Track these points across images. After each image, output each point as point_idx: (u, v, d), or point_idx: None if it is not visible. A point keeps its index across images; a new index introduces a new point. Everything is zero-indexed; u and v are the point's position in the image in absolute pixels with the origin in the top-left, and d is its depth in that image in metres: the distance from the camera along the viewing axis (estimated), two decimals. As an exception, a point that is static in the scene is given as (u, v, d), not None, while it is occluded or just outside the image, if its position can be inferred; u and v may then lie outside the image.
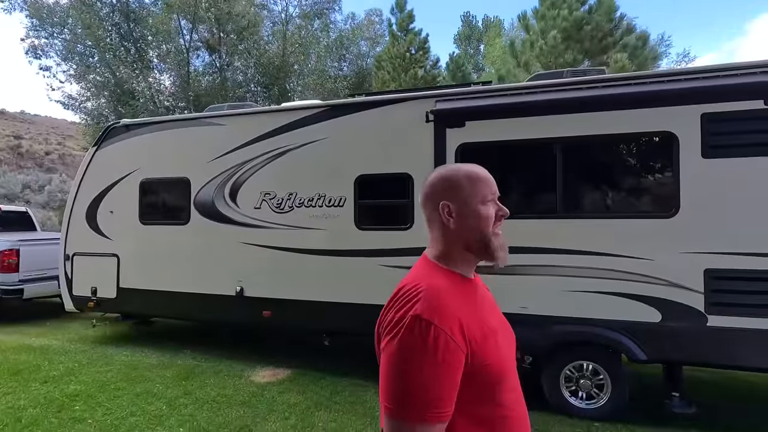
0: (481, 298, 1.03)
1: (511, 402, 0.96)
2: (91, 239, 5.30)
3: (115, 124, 5.36)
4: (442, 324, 0.85)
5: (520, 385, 1.07)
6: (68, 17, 13.63)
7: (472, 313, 0.93)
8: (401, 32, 13.63)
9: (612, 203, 3.59)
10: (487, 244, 1.00)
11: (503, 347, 0.97)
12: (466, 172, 1.03)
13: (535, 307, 3.61)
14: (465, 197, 1.00)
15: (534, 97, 3.66)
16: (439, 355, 0.83)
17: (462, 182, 1.01)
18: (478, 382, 0.89)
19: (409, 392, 0.83)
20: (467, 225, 0.99)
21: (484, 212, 0.99)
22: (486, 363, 0.89)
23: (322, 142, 4.34)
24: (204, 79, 15.02)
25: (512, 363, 1.00)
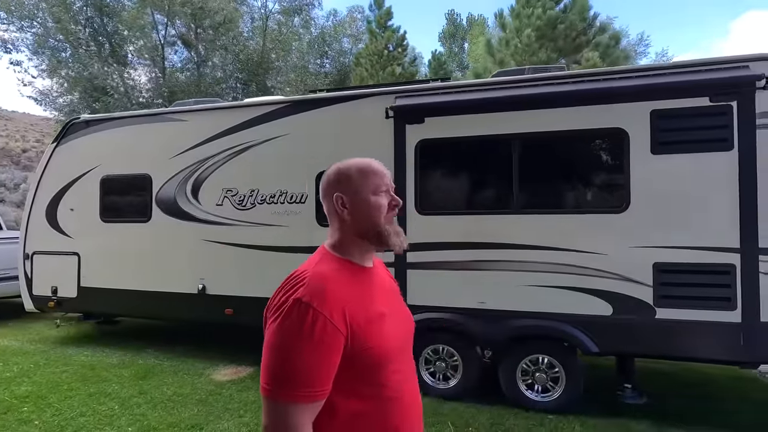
0: (376, 286, 1.07)
1: (396, 383, 1.00)
2: (51, 238, 5.17)
3: (75, 119, 5.23)
4: (321, 308, 0.89)
5: (414, 368, 1.15)
6: (38, 10, 13.26)
7: (359, 299, 0.97)
8: (379, 29, 13.60)
9: (566, 199, 3.64)
10: (379, 232, 1.04)
11: (391, 332, 1.01)
12: (358, 165, 1.07)
13: (492, 302, 3.65)
14: (356, 188, 1.04)
15: (490, 93, 3.69)
16: (316, 337, 0.87)
17: (353, 175, 1.05)
18: (359, 364, 0.93)
19: (284, 372, 0.88)
20: (360, 215, 1.03)
21: (375, 202, 1.03)
22: (368, 346, 0.94)
23: (283, 139, 4.31)
24: (181, 74, 14.78)
25: (401, 347, 1.05)
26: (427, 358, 3.91)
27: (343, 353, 0.92)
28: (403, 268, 3.87)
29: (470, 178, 3.92)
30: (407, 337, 1.12)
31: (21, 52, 14.10)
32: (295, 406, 0.87)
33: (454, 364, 3.84)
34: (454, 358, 3.83)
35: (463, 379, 3.79)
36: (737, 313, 3.13)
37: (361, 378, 0.96)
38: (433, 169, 3.91)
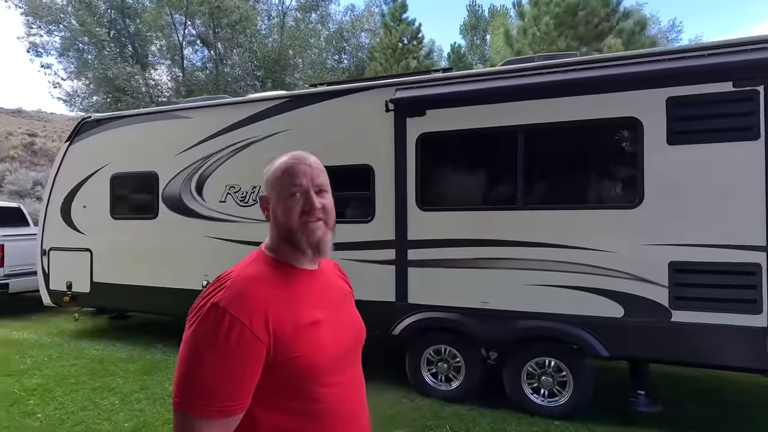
0: (316, 290, 0.99)
1: (332, 397, 0.92)
2: (65, 234, 5.31)
3: (86, 118, 5.34)
4: (239, 314, 0.82)
5: (360, 380, 1.05)
6: (64, 14, 13.73)
7: (288, 304, 0.90)
8: (394, 22, 13.40)
9: (574, 194, 3.43)
10: (290, 237, 0.96)
11: (327, 341, 0.92)
12: (279, 165, 1.00)
13: (496, 301, 3.50)
14: (276, 191, 0.98)
15: (494, 83, 3.52)
16: (231, 346, 0.80)
17: (272, 176, 1.00)
18: (285, 375, 0.86)
19: (194, 383, 0.81)
20: (276, 218, 0.98)
21: (287, 206, 0.96)
22: (294, 356, 0.86)
23: (284, 134, 4.25)
24: (201, 73, 15.03)
25: (339, 357, 0.95)
26: (428, 359, 3.79)
27: (266, 363, 0.84)
28: (404, 266, 3.76)
29: (473, 172, 3.77)
30: (352, 346, 1.02)
31: (50, 55, 14.69)
32: (206, 422, 0.80)
33: (456, 365, 3.71)
34: (456, 359, 3.71)
35: (465, 381, 3.65)
36: (763, 316, 2.87)
37: (288, 391, 0.87)
38: (435, 164, 3.77)
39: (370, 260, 3.87)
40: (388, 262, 3.81)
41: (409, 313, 3.72)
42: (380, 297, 3.81)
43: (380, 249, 3.84)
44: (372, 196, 3.88)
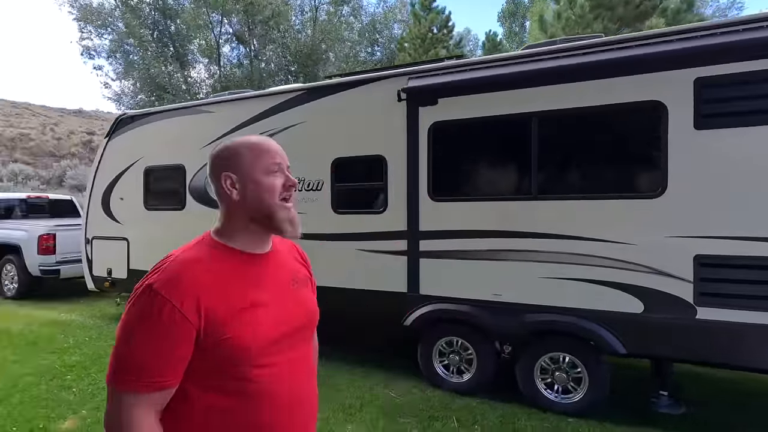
0: (261, 273, 1.00)
1: (268, 377, 0.93)
2: (105, 224, 5.68)
3: (122, 115, 5.66)
4: (170, 295, 0.85)
5: (307, 362, 1.07)
6: (111, 17, 14.57)
7: (224, 287, 0.91)
8: (424, 11, 13.17)
9: (591, 183, 3.26)
10: (271, 215, 0.97)
11: (266, 323, 0.94)
12: (249, 142, 1.00)
13: (508, 294, 3.41)
14: (246, 167, 0.97)
15: (507, 69, 3.40)
16: (161, 325, 0.84)
17: (244, 152, 0.98)
18: (217, 356, 0.88)
19: (124, 359, 0.85)
20: (250, 196, 0.97)
21: (267, 182, 0.97)
22: (225, 337, 0.87)
23: (301, 126, 4.32)
24: (237, 70, 15.52)
25: (278, 339, 0.96)
26: (440, 350, 3.77)
27: (197, 344, 0.87)
28: (415, 256, 3.74)
29: (486, 161, 3.68)
30: (296, 328, 1.02)
31: (101, 57, 15.66)
32: (134, 396, 0.84)
33: (468, 357, 3.67)
34: (468, 351, 3.66)
35: (477, 374, 3.60)
36: (799, 316, 2.64)
37: (220, 371, 0.90)
38: (447, 153, 3.70)
39: (383, 251, 3.88)
40: (401, 253, 3.80)
41: (421, 304, 3.70)
42: (392, 288, 3.82)
43: (393, 240, 3.84)
44: (385, 186, 3.87)
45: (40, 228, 7.06)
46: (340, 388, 3.64)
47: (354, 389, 3.63)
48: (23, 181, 22.05)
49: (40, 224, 7.32)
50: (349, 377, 3.88)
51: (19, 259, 7.03)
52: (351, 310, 4.12)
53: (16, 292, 7.11)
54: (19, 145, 29.94)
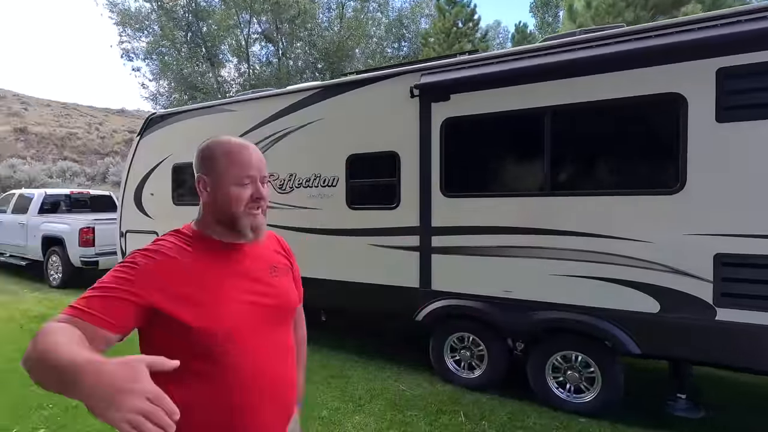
0: (236, 261, 1.06)
1: (236, 358, 0.98)
2: (138, 218, 5.99)
3: (152, 114, 5.94)
4: (142, 259, 0.96)
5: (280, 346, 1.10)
6: (147, 21, 15.23)
7: (203, 274, 0.99)
8: (448, 5, 12.99)
9: (606, 179, 3.18)
10: (234, 222, 1.04)
11: (235, 309, 1.00)
12: (225, 148, 1.05)
13: (519, 291, 3.38)
14: (219, 174, 1.03)
15: (519, 63, 3.35)
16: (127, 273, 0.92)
17: (219, 158, 1.04)
18: (187, 338, 0.93)
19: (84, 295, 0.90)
20: (218, 201, 1.04)
21: (234, 193, 1.02)
22: (193, 320, 0.93)
23: (318, 123, 4.41)
24: (266, 68, 15.88)
25: (252, 325, 1.01)
26: (452, 346, 3.78)
27: (166, 325, 0.92)
28: (427, 252, 3.76)
29: (498, 157, 3.64)
30: (270, 315, 1.07)
31: (139, 58, 16.42)
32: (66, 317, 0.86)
33: (479, 353, 3.67)
34: (479, 347, 3.66)
35: (488, 370, 3.60)
36: (829, 319, 2.49)
37: (192, 353, 0.94)
38: (459, 149, 3.69)
39: (396, 246, 3.92)
40: (413, 249, 3.83)
41: (432, 300, 3.73)
42: (405, 283, 3.86)
43: (405, 235, 3.87)
44: (397, 182, 3.91)
45: (80, 222, 7.52)
46: (352, 380, 3.72)
47: (365, 381, 3.70)
48: (71, 178, 23.44)
49: (81, 218, 7.80)
50: (361, 369, 3.96)
51: (62, 251, 7.53)
52: (364, 304, 4.20)
53: (60, 282, 7.62)
54: (68, 144, 31.81)
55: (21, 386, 3.48)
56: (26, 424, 2.93)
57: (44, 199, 8.53)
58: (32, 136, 30.95)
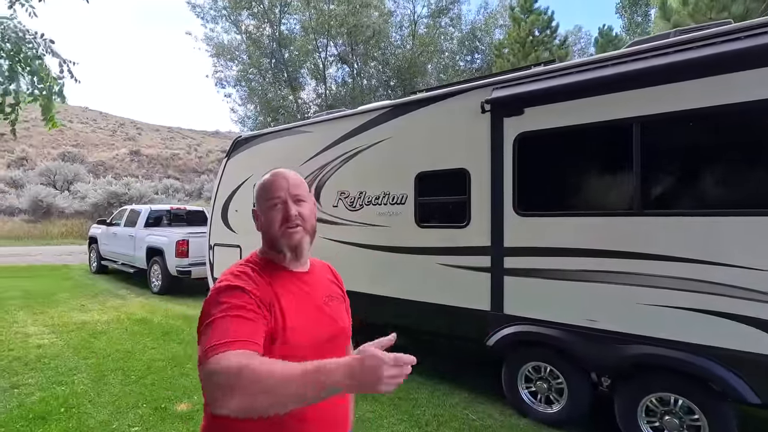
0: (297, 289, 1.11)
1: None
2: (224, 233, 6.50)
3: (238, 137, 6.45)
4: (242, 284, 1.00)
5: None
6: (237, 51, 16.76)
7: (283, 296, 1.05)
8: (524, 14, 12.52)
9: (708, 196, 2.78)
10: (274, 243, 1.13)
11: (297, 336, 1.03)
12: (261, 181, 1.19)
13: (605, 320, 3.06)
14: (259, 204, 1.16)
15: (601, 72, 3.08)
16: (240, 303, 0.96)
17: (258, 190, 1.18)
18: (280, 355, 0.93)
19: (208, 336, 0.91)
20: (263, 228, 1.15)
21: (268, 217, 1.13)
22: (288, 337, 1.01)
23: (387, 142, 4.45)
24: (342, 89, 16.59)
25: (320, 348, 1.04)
26: (527, 376, 3.53)
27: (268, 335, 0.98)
28: (499, 273, 3.57)
29: (578, 173, 3.36)
30: (326, 341, 1.10)
31: (230, 86, 18.11)
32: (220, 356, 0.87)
33: (558, 386, 3.37)
34: (558, 380, 3.36)
35: (569, 405, 3.28)
36: None
37: None
38: (534, 165, 3.48)
39: (465, 266, 3.79)
40: (484, 270, 3.66)
41: (505, 325, 3.52)
42: (474, 305, 3.70)
43: (475, 255, 3.72)
44: (467, 200, 3.79)
45: (177, 235, 8.36)
46: (419, 404, 3.62)
47: (433, 406, 3.58)
48: (172, 194, 26.38)
49: (178, 231, 8.67)
50: (428, 393, 3.84)
51: (162, 261, 8.41)
52: (432, 324, 4.10)
53: (160, 288, 8.50)
54: (171, 164, 36.00)
55: (121, 385, 3.89)
56: (123, 421, 3.25)
57: (149, 214, 9.64)
58: (144, 157, 35.51)
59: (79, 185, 24.27)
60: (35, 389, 3.77)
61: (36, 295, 7.93)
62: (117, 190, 22.72)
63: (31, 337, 5.30)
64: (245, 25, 16.75)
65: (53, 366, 4.32)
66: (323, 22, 14.15)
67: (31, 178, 24.86)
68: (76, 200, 22.61)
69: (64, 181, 24.96)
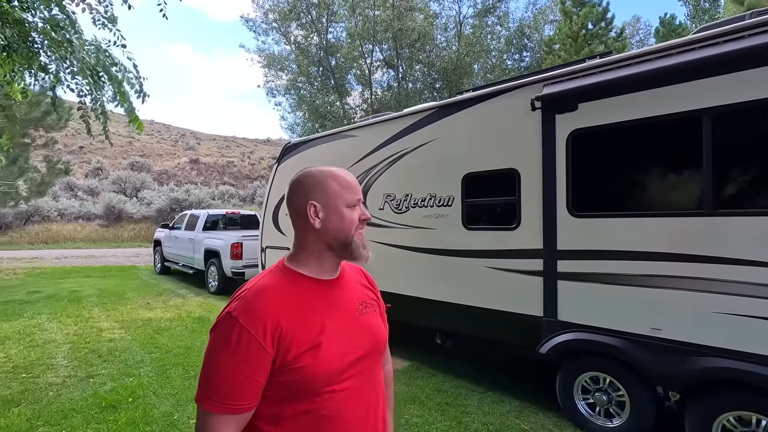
0: (333, 299, 1.04)
1: (334, 402, 0.96)
2: (275, 236, 6.73)
3: (288, 144, 6.66)
4: (247, 323, 0.91)
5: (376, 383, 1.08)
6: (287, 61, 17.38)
7: (297, 316, 0.95)
8: (576, 7, 11.92)
9: (795, 193, 2.48)
10: (348, 244, 1.04)
11: (334, 351, 0.97)
12: (334, 175, 1.06)
13: (672, 329, 2.83)
14: (332, 199, 1.03)
15: (668, 61, 2.86)
16: (240, 353, 0.89)
17: (329, 183, 1.04)
18: (286, 385, 0.93)
19: (210, 383, 0.92)
20: (332, 226, 1.03)
21: (348, 215, 1.04)
22: (298, 366, 0.92)
23: (433, 143, 4.41)
24: (387, 93, 16.71)
25: (346, 366, 0.99)
26: (584, 387, 3.33)
27: (272, 370, 0.92)
28: (553, 278, 3.41)
29: (639, 170, 3.13)
30: (364, 354, 1.04)
31: (280, 95, 18.83)
32: (215, 416, 0.90)
33: (619, 399, 3.15)
34: (618, 392, 3.14)
35: (631, 420, 3.06)
36: None
37: (287, 397, 0.94)
38: (590, 163, 3.30)
39: (515, 269, 3.65)
40: (535, 273, 3.51)
41: (559, 332, 3.35)
42: (526, 310, 3.56)
43: (526, 258, 3.58)
44: (517, 201, 3.66)
45: (232, 238, 8.78)
46: (468, 411, 3.52)
47: (482, 414, 3.47)
48: (228, 199, 27.82)
49: (233, 235, 9.10)
50: (477, 400, 3.73)
51: (218, 262, 8.86)
52: (481, 329, 3.98)
53: (216, 289, 8.95)
54: (227, 171, 38.00)
55: (182, 378, 4.11)
56: (183, 413, 3.43)
57: (207, 218, 10.21)
58: (202, 165, 37.75)
59: (146, 192, 26.26)
60: (107, 379, 4.09)
61: (108, 293, 8.63)
62: (178, 196, 24.33)
63: (104, 331, 5.77)
64: (294, 35, 17.45)
65: (123, 359, 4.66)
66: (369, 28, 14.36)
67: (105, 186, 27.21)
68: (143, 206, 24.44)
69: (132, 189, 27.09)
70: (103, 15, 3.76)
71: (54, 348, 5.03)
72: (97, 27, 3.76)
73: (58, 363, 4.53)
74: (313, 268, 1.05)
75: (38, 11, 3.44)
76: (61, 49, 3.33)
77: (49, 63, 3.61)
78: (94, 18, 3.74)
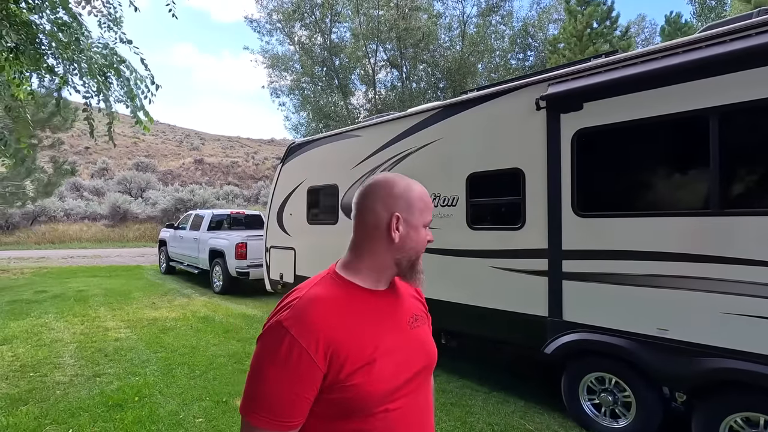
0: (385, 312, 0.98)
1: (386, 422, 0.91)
2: (279, 236, 6.75)
3: (292, 144, 6.68)
4: (300, 336, 0.84)
5: (426, 399, 1.04)
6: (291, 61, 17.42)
7: (352, 331, 0.89)
8: (581, 6, 11.86)
9: (803, 193, 2.46)
10: (415, 264, 1.01)
11: (388, 369, 0.91)
12: (420, 193, 1.02)
13: (678, 330, 2.81)
14: (415, 217, 0.99)
15: (674, 59, 2.85)
16: (290, 367, 0.83)
17: (416, 202, 0.99)
18: (337, 400, 0.87)
19: (253, 393, 0.86)
20: (409, 243, 0.98)
21: (423, 236, 1.01)
22: (349, 384, 0.86)
23: (437, 143, 4.41)
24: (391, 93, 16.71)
25: (400, 385, 0.93)
26: (589, 387, 3.32)
27: (322, 387, 0.86)
28: (557, 278, 3.40)
29: (645, 170, 3.11)
30: (417, 372, 0.98)
31: (284, 95, 18.88)
32: (260, 430, 0.85)
33: (625, 400, 3.13)
34: (624, 393, 3.13)
35: (637, 421, 3.05)
36: None
37: (338, 415, 0.89)
38: (595, 163, 3.29)
39: (520, 269, 3.65)
40: (540, 273, 3.51)
41: (565, 332, 3.33)
42: (530, 310, 3.55)
43: (531, 258, 3.58)
44: (522, 201, 3.65)
45: (236, 237, 8.80)
46: (473, 411, 3.52)
47: (487, 414, 3.47)
48: (232, 199, 27.91)
49: (237, 234, 9.13)
50: (482, 400, 3.72)
51: (223, 262, 8.89)
52: (485, 329, 3.97)
53: (221, 288, 8.98)
54: (231, 171, 38.15)
55: (187, 378, 4.14)
56: (189, 412, 3.45)
57: (212, 218, 10.24)
58: (207, 165, 37.91)
59: (151, 192, 26.41)
60: (114, 378, 4.12)
61: (114, 293, 8.68)
62: (183, 196, 24.44)
63: (110, 331, 5.81)
64: (298, 35, 17.54)
65: (128, 358, 4.69)
66: (373, 28, 14.39)
67: (111, 186, 27.39)
68: (148, 206, 24.59)
69: (138, 189, 27.25)
70: (108, 18, 3.79)
71: (61, 347, 5.07)
72: (102, 30, 3.79)
73: (65, 362, 4.57)
74: (371, 279, 0.98)
75: (45, 14, 3.47)
76: (68, 50, 3.35)
77: (56, 65, 3.64)
78: (100, 21, 3.76)
